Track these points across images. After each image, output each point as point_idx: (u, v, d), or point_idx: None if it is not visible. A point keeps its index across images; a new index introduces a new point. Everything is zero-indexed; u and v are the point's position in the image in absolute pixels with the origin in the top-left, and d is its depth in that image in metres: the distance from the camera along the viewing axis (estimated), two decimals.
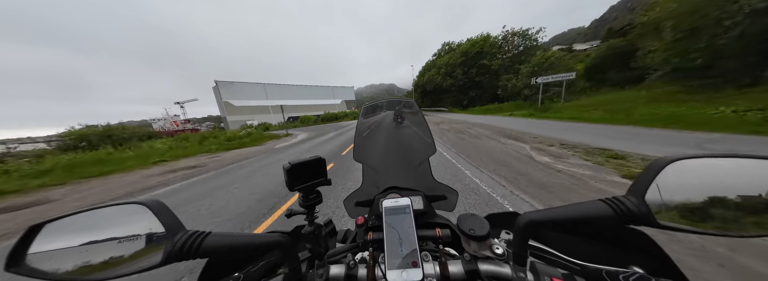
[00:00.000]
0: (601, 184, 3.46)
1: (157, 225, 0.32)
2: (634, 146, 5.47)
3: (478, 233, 0.40)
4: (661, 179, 0.32)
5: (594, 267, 0.39)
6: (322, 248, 0.48)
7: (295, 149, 10.33)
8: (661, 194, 0.32)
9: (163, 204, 0.34)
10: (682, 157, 0.33)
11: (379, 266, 0.43)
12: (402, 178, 0.89)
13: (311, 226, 0.49)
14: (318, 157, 0.49)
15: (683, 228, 0.30)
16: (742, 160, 0.31)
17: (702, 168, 0.32)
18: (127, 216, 0.33)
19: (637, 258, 0.41)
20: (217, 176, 6.07)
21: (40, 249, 0.30)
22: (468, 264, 0.42)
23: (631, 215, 0.31)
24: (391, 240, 0.44)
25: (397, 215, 0.48)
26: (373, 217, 0.65)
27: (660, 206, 0.31)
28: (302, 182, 0.47)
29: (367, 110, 1.12)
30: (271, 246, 0.38)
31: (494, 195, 3.35)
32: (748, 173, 0.30)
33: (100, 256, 0.30)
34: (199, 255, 0.32)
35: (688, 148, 5.14)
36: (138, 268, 0.29)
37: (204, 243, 0.32)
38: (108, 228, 0.32)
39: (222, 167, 7.30)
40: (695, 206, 0.30)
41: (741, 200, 0.29)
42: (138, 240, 0.32)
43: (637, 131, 7.43)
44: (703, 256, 1.80)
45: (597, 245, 0.46)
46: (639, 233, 0.41)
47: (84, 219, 0.32)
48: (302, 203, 0.49)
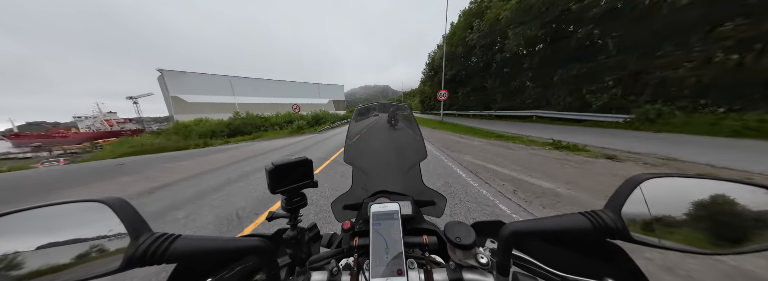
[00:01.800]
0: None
1: (118, 225, 0.30)
2: None
3: (465, 241, 0.40)
4: (636, 195, 0.34)
5: (572, 278, 0.42)
6: (304, 253, 0.48)
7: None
8: (636, 210, 0.34)
9: (126, 202, 0.32)
10: (656, 175, 0.35)
11: (364, 273, 0.43)
12: (392, 182, 0.89)
13: (294, 230, 0.48)
14: (304, 158, 0.49)
15: (654, 243, 0.32)
16: (710, 182, 0.33)
17: (673, 187, 0.34)
18: (85, 215, 0.30)
19: (611, 271, 0.42)
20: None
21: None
22: (453, 272, 0.42)
23: (607, 229, 0.33)
24: (377, 246, 0.43)
25: (385, 220, 0.48)
26: (361, 222, 0.64)
27: (634, 222, 0.33)
28: (286, 185, 0.46)
29: (359, 112, 1.12)
30: (248, 250, 0.37)
31: None
32: (714, 194, 0.32)
33: (50, 260, 0.27)
34: (165, 260, 0.30)
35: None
36: (93, 274, 0.27)
37: (172, 246, 0.30)
38: (60, 229, 0.28)
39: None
40: (666, 223, 0.33)
41: (707, 219, 0.32)
42: (95, 241, 0.29)
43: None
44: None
45: (576, 256, 0.47)
46: (615, 246, 0.42)
47: (32, 218, 0.28)
48: (285, 206, 0.48)
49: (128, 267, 0.28)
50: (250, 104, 45.30)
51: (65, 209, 0.29)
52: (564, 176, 3.94)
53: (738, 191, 0.31)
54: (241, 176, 5.51)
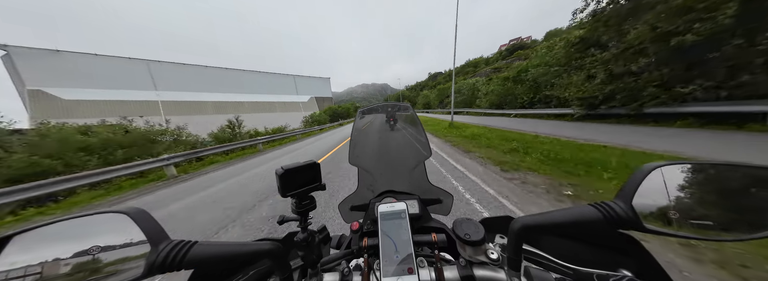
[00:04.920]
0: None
1: (139, 234, 0.31)
2: None
3: (474, 238, 0.41)
4: (646, 184, 0.34)
5: (585, 270, 0.41)
6: (315, 255, 0.48)
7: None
8: (647, 200, 0.33)
9: (145, 212, 0.33)
10: (666, 164, 0.35)
11: (375, 273, 0.43)
12: (398, 181, 0.88)
13: (304, 233, 0.48)
14: (312, 161, 0.50)
15: (667, 232, 0.31)
16: (722, 167, 0.33)
17: (684, 175, 0.34)
18: (107, 226, 0.32)
19: (626, 262, 0.42)
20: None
21: (9, 263, 0.27)
22: (463, 269, 0.42)
23: (619, 219, 0.32)
24: (386, 246, 0.44)
25: (393, 220, 0.49)
26: (368, 222, 0.65)
27: (646, 211, 0.33)
28: (296, 188, 0.47)
29: (362, 114, 1.11)
30: (261, 254, 0.38)
31: None
32: (726, 179, 0.33)
33: (78, 269, 0.28)
34: (184, 266, 0.31)
35: None
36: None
37: (190, 253, 0.31)
38: (85, 239, 0.30)
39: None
40: (678, 211, 0.32)
41: (720, 205, 0.32)
42: (118, 250, 0.30)
43: None
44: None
45: (588, 248, 0.47)
46: (627, 237, 0.42)
47: (59, 230, 0.30)
48: (295, 209, 0.49)
49: (150, 273, 0.29)
50: (185, 103, 31.70)
51: (89, 221, 0.31)
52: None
53: (751, 175, 0.31)
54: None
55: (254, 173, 6.24)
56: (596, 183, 3.43)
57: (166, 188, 5.78)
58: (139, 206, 0.33)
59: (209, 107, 33.61)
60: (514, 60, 50.54)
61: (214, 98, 34.82)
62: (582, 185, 3.40)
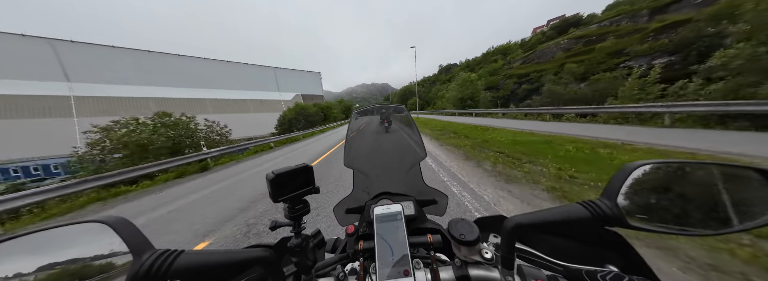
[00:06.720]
0: None
1: (120, 245, 0.30)
2: None
3: (468, 238, 0.41)
4: (630, 182, 0.35)
5: (575, 267, 0.42)
6: (309, 260, 0.48)
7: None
8: (631, 197, 0.34)
9: (127, 221, 0.32)
10: (647, 163, 0.36)
11: (370, 276, 0.44)
12: (393, 183, 0.88)
13: (298, 238, 0.48)
14: (304, 164, 0.49)
15: (651, 229, 0.32)
16: (698, 165, 0.35)
17: (663, 173, 0.36)
18: (87, 236, 0.30)
19: (612, 257, 0.44)
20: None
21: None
22: (459, 269, 0.43)
23: (605, 217, 0.33)
24: (382, 248, 0.44)
25: (389, 222, 0.49)
26: (364, 225, 0.65)
27: (630, 208, 0.34)
28: (288, 193, 0.46)
29: (358, 115, 1.12)
30: (252, 262, 0.37)
31: None
32: (699, 177, 0.35)
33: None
34: (169, 277, 0.30)
35: None
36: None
37: (175, 262, 0.30)
38: (63, 250, 0.29)
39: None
40: (659, 208, 0.34)
41: (695, 201, 0.34)
42: (97, 262, 0.29)
43: None
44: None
45: (578, 246, 0.48)
46: (613, 233, 0.43)
47: (34, 242, 0.29)
48: (288, 214, 0.48)
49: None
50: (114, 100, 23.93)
51: (66, 231, 0.30)
52: None
53: (720, 172, 0.34)
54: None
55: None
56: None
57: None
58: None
59: (150, 104, 25.88)
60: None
61: (157, 94, 27.14)
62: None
